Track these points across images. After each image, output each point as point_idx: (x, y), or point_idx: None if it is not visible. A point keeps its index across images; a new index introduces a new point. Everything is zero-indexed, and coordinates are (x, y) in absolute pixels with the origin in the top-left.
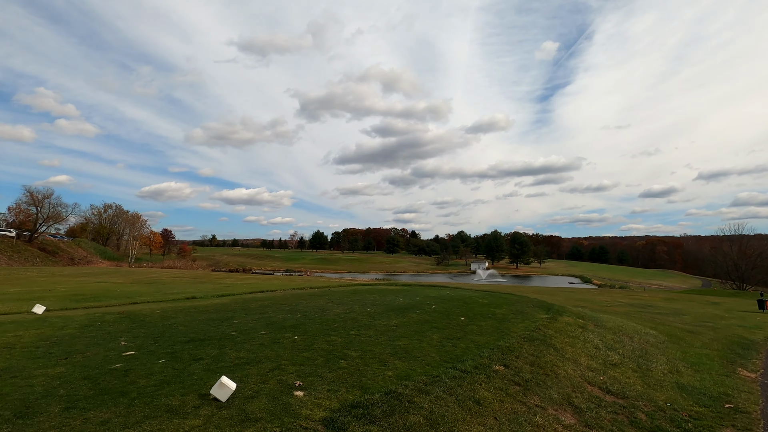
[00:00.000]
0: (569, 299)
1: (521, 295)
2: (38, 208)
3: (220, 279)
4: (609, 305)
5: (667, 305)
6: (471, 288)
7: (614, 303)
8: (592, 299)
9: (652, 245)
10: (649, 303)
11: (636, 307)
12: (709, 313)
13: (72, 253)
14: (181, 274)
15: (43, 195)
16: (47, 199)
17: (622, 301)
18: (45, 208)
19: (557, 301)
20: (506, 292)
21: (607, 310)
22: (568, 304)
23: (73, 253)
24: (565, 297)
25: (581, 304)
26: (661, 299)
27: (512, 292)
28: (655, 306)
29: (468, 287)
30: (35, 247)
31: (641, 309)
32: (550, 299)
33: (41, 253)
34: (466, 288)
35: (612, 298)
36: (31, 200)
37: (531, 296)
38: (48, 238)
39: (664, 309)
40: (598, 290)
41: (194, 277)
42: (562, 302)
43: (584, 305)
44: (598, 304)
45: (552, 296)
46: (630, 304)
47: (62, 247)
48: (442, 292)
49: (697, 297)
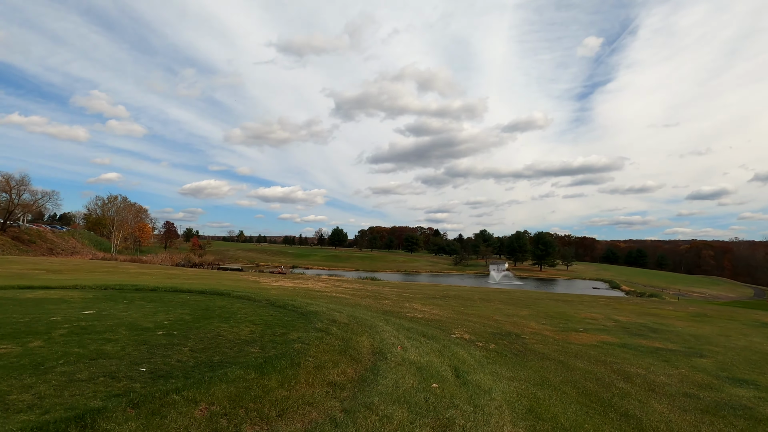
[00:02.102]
0: (537, 313)
1: (354, 306)
2: (10, 195)
3: (123, 270)
4: (591, 325)
5: (688, 328)
6: (241, 296)
7: (604, 320)
8: (573, 315)
9: (696, 249)
10: (661, 323)
11: (630, 334)
12: (753, 351)
13: (59, 243)
14: (102, 266)
15: (18, 182)
16: (23, 186)
17: (620, 318)
18: (19, 194)
19: (497, 314)
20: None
21: (569, 339)
22: (506, 322)
23: (60, 244)
24: (538, 310)
25: (527, 326)
26: (687, 316)
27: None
28: (666, 329)
29: (232, 293)
30: (9, 236)
31: (634, 336)
32: (480, 311)
33: (12, 242)
34: (249, 297)
35: (611, 311)
36: (7, 186)
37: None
38: (34, 227)
39: (678, 336)
40: (609, 299)
41: (106, 269)
42: (510, 319)
43: (541, 327)
44: (573, 323)
45: (510, 308)
46: (625, 327)
47: (49, 238)
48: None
49: (741, 313)
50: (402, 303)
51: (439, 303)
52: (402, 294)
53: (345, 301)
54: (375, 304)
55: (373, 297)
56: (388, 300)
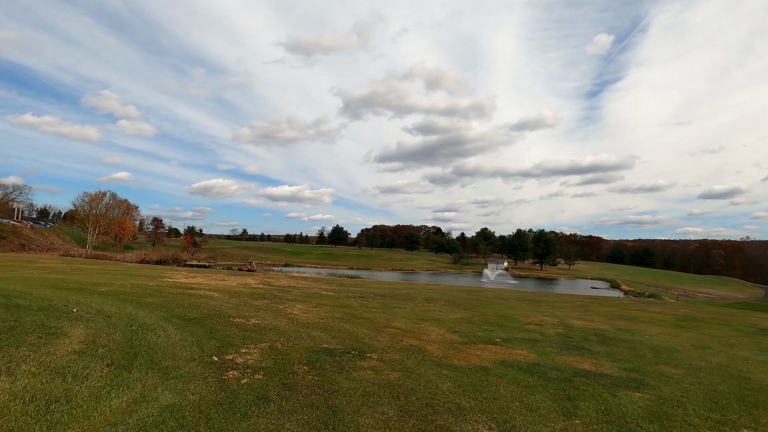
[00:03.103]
0: (473, 317)
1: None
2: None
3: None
4: (524, 333)
5: (657, 338)
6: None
7: (551, 326)
8: (518, 319)
9: (706, 249)
10: (628, 330)
11: (563, 348)
12: (728, 375)
13: (35, 239)
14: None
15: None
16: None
17: (576, 324)
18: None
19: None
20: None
21: (456, 357)
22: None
23: (37, 240)
24: (482, 313)
25: (427, 336)
26: (671, 320)
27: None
28: (625, 340)
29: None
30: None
31: (567, 351)
32: (407, 312)
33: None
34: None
35: (577, 314)
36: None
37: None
38: (11, 223)
39: (632, 350)
40: (589, 300)
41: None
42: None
43: (446, 337)
44: (503, 331)
45: (466, 310)
46: (568, 337)
47: (25, 234)
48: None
49: (739, 316)
50: (280, 305)
51: (348, 303)
52: (324, 293)
53: (167, 300)
54: (224, 304)
55: (255, 296)
56: (265, 299)
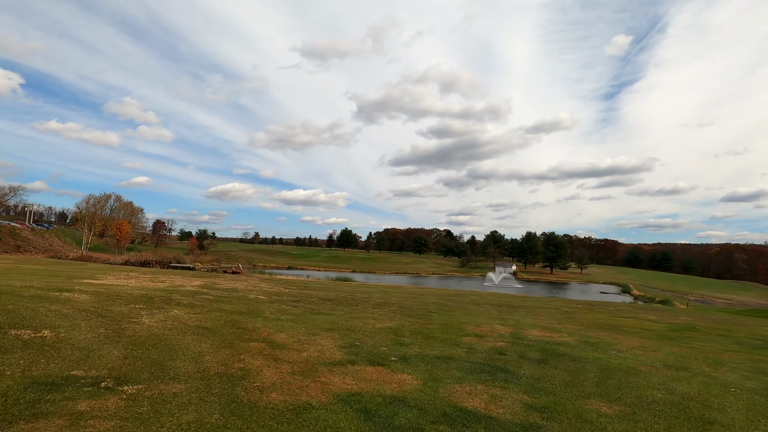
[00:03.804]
0: (445, 322)
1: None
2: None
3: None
4: (444, 349)
5: (624, 354)
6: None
7: (495, 338)
8: (465, 329)
9: (728, 253)
10: (596, 343)
11: (479, 372)
12: (687, 419)
13: (33, 241)
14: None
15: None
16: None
17: (533, 336)
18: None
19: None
20: None
21: (303, 385)
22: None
23: (35, 242)
24: (438, 320)
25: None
26: (662, 329)
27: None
28: (579, 357)
29: None
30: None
31: (480, 375)
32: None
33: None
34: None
35: (550, 322)
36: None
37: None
38: (8, 224)
39: (576, 375)
40: (577, 305)
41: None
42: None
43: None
44: (419, 346)
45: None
46: (502, 354)
47: (23, 235)
48: None
49: (749, 325)
50: (145, 312)
51: (257, 308)
52: (251, 297)
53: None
54: (62, 309)
55: (136, 300)
56: (140, 305)
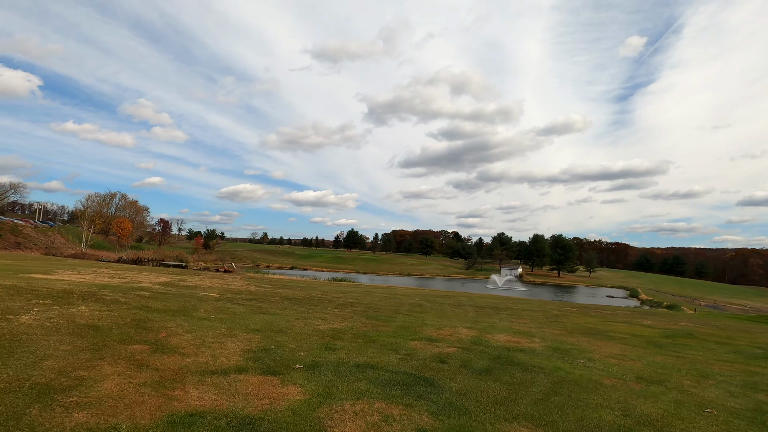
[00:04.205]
0: (406, 324)
1: None
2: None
3: None
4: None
5: (610, 363)
6: None
7: (447, 343)
8: (419, 332)
9: (743, 257)
10: (578, 349)
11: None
12: None
13: (35, 238)
14: None
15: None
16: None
17: (498, 340)
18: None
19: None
20: None
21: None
22: None
23: (36, 239)
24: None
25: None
26: (654, 335)
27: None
28: (554, 365)
29: None
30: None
31: (406, 387)
32: None
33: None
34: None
35: (529, 325)
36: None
37: None
38: (10, 221)
39: (547, 383)
40: (572, 309)
41: None
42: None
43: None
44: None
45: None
46: (484, 355)
47: (25, 232)
48: None
49: (755, 332)
50: (47, 308)
51: (186, 306)
52: (199, 293)
53: None
54: None
55: (68, 296)
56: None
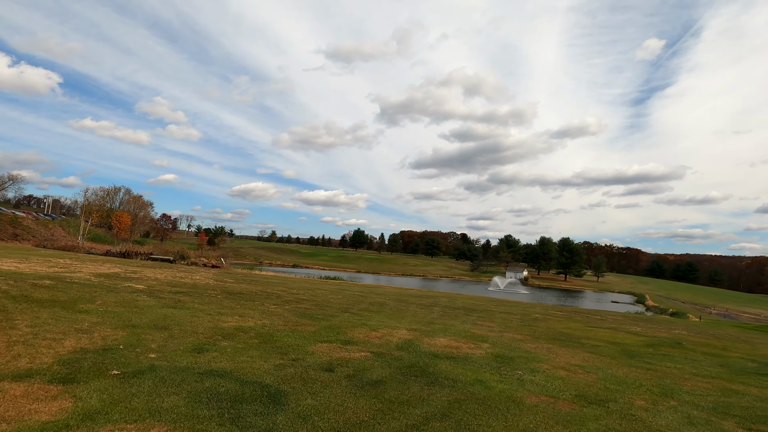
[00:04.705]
0: (347, 323)
1: None
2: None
3: None
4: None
5: (552, 375)
6: None
7: (385, 345)
8: (355, 334)
9: (759, 265)
10: (527, 357)
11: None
12: None
13: (34, 230)
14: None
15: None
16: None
17: (424, 345)
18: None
19: None
20: None
21: None
22: None
23: (36, 231)
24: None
25: None
26: (617, 348)
27: None
28: (473, 378)
29: None
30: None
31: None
32: None
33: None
34: None
35: (492, 329)
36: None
37: None
38: (10, 213)
39: (443, 403)
40: (561, 314)
41: None
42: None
43: None
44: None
45: None
46: (392, 362)
47: (25, 224)
48: None
49: (755, 343)
50: None
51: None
52: (134, 286)
53: None
54: None
55: None
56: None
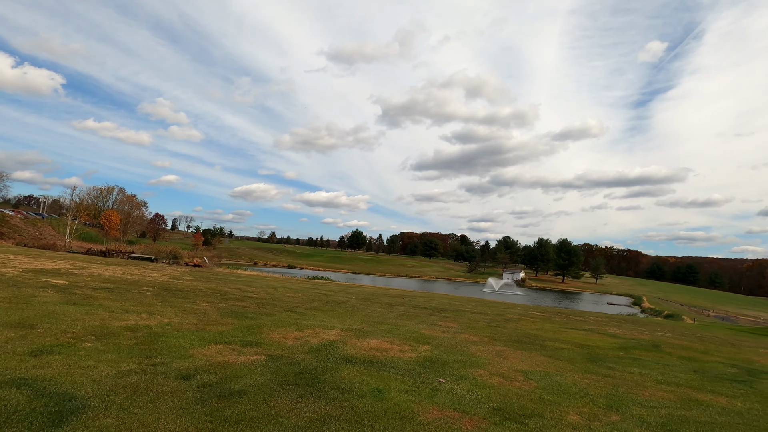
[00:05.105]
0: (274, 323)
1: None
2: None
3: None
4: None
5: (488, 383)
6: None
7: (286, 348)
8: (272, 335)
9: (760, 268)
10: (467, 362)
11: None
12: None
13: (23, 229)
14: None
15: None
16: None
17: (350, 344)
18: None
19: None
20: None
21: None
22: None
23: (24, 230)
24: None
25: None
26: (608, 346)
27: None
28: (386, 389)
29: None
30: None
31: None
32: None
33: None
34: None
35: (452, 332)
36: None
37: None
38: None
39: None
40: (539, 314)
41: None
42: None
43: None
44: None
45: None
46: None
47: (12, 223)
48: None
49: (742, 347)
50: None
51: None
52: (81, 284)
53: None
54: None
55: None
56: None
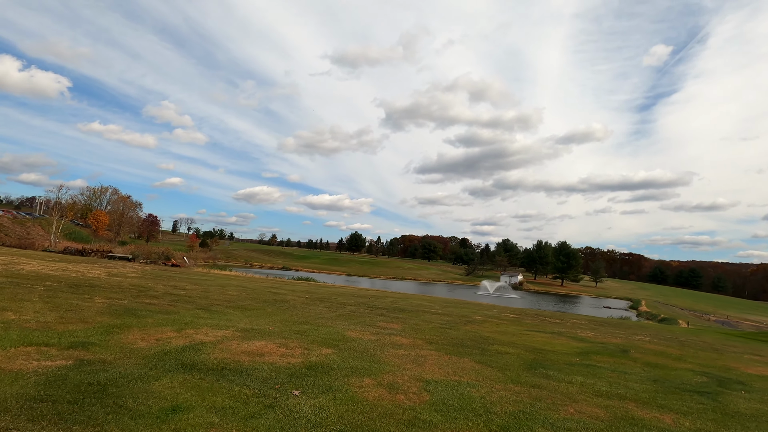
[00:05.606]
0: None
1: None
2: None
3: None
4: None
5: (385, 393)
6: None
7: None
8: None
9: (765, 272)
10: (375, 367)
11: None
12: None
13: (10, 229)
14: None
15: None
16: None
17: (204, 344)
18: None
19: None
20: None
21: None
22: None
23: (12, 230)
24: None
25: None
26: (570, 352)
27: None
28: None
29: None
30: None
31: None
32: None
33: None
34: None
35: (369, 332)
36: None
37: None
38: None
39: None
40: (512, 316)
41: None
42: None
43: None
44: None
45: None
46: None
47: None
48: None
49: (727, 352)
50: None
51: None
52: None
53: None
54: None
55: None
56: None
